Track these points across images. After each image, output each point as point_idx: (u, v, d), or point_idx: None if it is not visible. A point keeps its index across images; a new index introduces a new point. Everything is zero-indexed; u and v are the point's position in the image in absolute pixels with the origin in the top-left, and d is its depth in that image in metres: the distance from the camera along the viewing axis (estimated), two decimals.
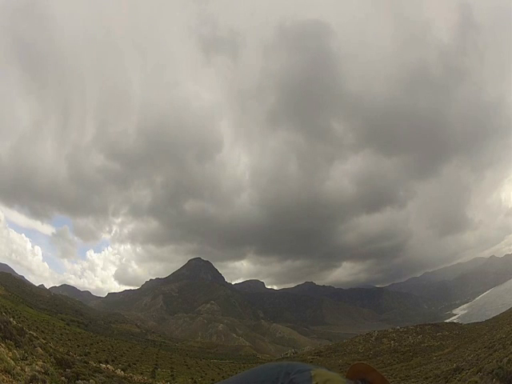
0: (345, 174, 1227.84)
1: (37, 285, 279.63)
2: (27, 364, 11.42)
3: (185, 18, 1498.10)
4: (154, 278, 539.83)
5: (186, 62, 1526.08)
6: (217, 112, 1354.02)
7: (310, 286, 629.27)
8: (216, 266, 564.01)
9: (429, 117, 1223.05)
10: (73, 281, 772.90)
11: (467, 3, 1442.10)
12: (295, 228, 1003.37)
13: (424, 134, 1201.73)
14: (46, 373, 11.52)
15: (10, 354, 11.38)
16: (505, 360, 12.31)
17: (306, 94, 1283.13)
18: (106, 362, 37.83)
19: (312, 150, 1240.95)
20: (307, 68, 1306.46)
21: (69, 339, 55.72)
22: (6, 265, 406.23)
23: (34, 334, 22.85)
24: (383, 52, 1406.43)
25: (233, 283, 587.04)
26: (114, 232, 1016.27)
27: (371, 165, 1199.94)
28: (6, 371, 9.37)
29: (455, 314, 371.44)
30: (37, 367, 11.42)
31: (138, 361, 51.49)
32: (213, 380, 45.13)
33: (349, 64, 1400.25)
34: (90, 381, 14.71)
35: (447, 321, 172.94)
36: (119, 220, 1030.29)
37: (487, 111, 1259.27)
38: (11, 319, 23.69)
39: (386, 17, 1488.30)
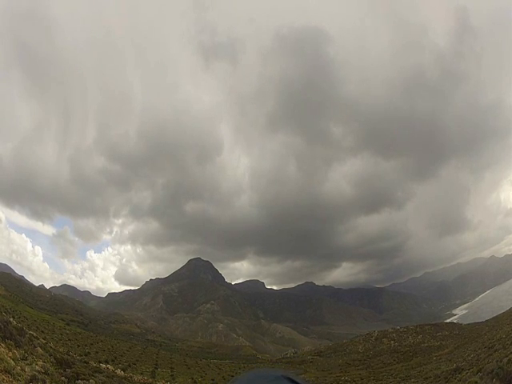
0: (343, 175, 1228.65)
1: (37, 285, 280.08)
2: (27, 364, 11.43)
3: (184, 24, 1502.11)
4: (154, 278, 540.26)
5: (186, 66, 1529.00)
6: (217, 115, 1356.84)
7: (310, 286, 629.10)
8: (216, 266, 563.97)
9: (427, 120, 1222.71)
10: (73, 281, 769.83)
11: (464, 7, 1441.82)
12: (295, 229, 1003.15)
13: (422, 137, 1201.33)
14: (46, 373, 11.53)
15: (10, 354, 11.39)
16: (505, 360, 12.32)
17: (305, 98, 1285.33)
18: (106, 362, 37.84)
19: (311, 153, 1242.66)
20: (306, 73, 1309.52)
21: (69, 339, 55.75)
22: (6, 265, 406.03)
23: (34, 334, 22.85)
24: (381, 56, 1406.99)
25: (233, 283, 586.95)
26: (114, 233, 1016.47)
27: (370, 167, 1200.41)
28: (6, 371, 9.38)
29: (455, 314, 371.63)
30: (37, 367, 11.44)
31: (138, 361, 51.50)
32: (213, 380, 45.14)
33: (346, 68, 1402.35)
34: (90, 381, 14.72)
35: (447, 321, 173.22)
36: (120, 221, 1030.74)
37: (485, 113, 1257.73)
38: (11, 319, 23.69)
39: (383, 21, 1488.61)
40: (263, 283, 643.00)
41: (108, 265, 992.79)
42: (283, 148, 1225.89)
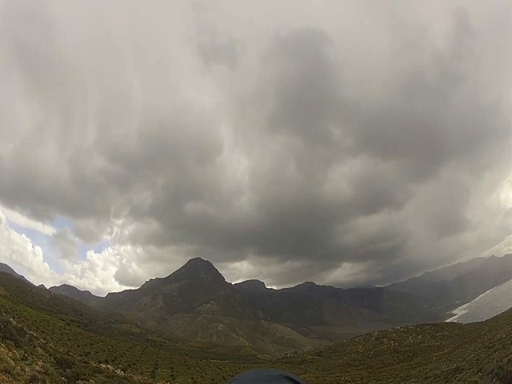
0: (343, 176, 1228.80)
1: (37, 285, 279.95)
2: (27, 364, 11.44)
3: (184, 25, 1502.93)
4: (154, 278, 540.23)
5: (185, 66, 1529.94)
6: (217, 116, 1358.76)
7: (310, 286, 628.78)
8: (216, 266, 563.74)
9: (426, 121, 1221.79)
10: (73, 281, 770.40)
11: (463, 8, 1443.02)
12: (295, 229, 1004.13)
13: (421, 138, 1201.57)
14: (46, 373, 11.54)
15: (10, 354, 11.39)
16: (505, 360, 12.31)
17: (305, 100, 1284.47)
18: (106, 362, 37.85)
19: (310, 154, 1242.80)
20: (305, 74, 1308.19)
21: (69, 339, 55.78)
22: (6, 265, 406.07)
23: (34, 334, 22.84)
24: (380, 57, 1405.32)
25: (233, 283, 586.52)
26: (114, 233, 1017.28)
27: (369, 168, 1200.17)
28: (6, 371, 9.39)
29: (455, 314, 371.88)
30: (37, 367, 11.44)
31: (138, 361, 51.52)
32: (213, 380, 45.14)
33: (346, 70, 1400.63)
34: (90, 381, 14.73)
35: (447, 321, 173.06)
36: (120, 221, 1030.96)
37: (485, 114, 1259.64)
38: (11, 319, 23.70)
39: (382, 23, 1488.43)
40: (263, 283, 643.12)
41: (108, 265, 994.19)
42: (283, 149, 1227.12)
